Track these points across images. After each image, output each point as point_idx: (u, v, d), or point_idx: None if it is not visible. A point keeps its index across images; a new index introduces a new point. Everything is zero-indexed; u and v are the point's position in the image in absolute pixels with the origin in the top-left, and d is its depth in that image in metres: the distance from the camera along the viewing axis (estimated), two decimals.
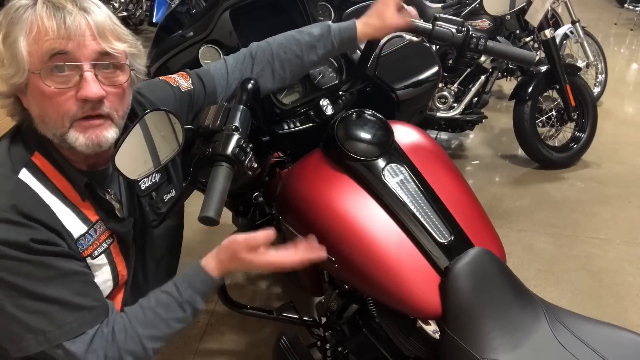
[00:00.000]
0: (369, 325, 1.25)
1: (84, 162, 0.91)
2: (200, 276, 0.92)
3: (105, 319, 0.88)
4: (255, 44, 1.15)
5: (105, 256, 0.94)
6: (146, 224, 1.04)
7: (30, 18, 0.80)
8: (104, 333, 0.86)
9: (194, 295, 0.91)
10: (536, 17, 2.74)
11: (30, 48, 0.80)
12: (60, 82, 0.81)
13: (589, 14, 6.28)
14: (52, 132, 0.85)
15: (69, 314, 0.83)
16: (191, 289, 0.91)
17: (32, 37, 0.80)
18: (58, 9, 0.80)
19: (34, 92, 0.83)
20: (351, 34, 1.13)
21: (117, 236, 0.97)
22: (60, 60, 0.80)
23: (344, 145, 1.12)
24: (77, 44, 0.81)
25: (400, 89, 1.42)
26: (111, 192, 0.97)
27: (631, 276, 2.25)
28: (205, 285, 0.93)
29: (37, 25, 0.80)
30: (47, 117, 0.84)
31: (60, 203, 0.87)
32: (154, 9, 4.65)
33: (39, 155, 0.87)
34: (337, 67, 1.37)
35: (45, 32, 0.79)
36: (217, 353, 1.91)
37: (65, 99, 0.82)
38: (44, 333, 0.82)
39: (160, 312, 0.90)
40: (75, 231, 0.88)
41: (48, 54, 0.80)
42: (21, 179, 0.84)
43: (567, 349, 0.89)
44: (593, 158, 3.19)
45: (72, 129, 0.84)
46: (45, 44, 0.79)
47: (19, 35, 0.80)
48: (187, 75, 1.11)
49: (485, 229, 1.09)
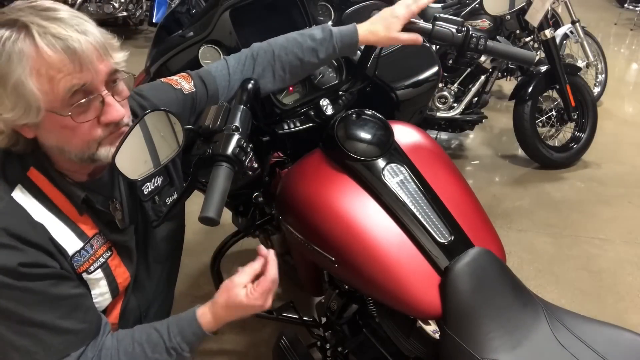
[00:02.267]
0: (369, 325, 1.25)
1: (84, 172, 0.91)
2: (193, 327, 0.94)
3: (93, 341, 0.89)
4: (256, 45, 1.15)
5: (102, 270, 0.94)
6: (149, 228, 1.04)
7: (30, 54, 0.74)
8: (87, 357, 0.87)
9: (182, 344, 0.93)
10: (536, 17, 2.74)
11: (42, 87, 0.75)
12: (83, 113, 0.80)
13: (589, 14, 6.28)
14: (77, 156, 0.84)
15: (55, 337, 0.84)
16: (181, 337, 0.93)
17: (42, 76, 0.75)
18: (60, 39, 0.75)
19: (53, 127, 0.80)
20: (353, 39, 1.12)
21: (118, 247, 0.97)
22: (81, 95, 0.79)
23: (344, 145, 1.12)
24: (92, 73, 0.78)
25: (400, 89, 1.42)
26: (115, 202, 0.96)
27: (631, 276, 2.25)
28: (195, 337, 0.94)
29: (44, 62, 0.74)
30: (70, 146, 0.83)
31: (55, 219, 0.86)
32: (154, 9, 4.66)
33: (35, 171, 0.86)
34: (337, 67, 1.37)
35: (58, 69, 0.75)
36: (217, 353, 1.91)
37: (89, 125, 0.81)
38: (30, 354, 0.83)
39: (147, 351, 0.91)
40: (70, 248, 0.88)
41: (69, 91, 0.77)
42: (14, 198, 0.83)
43: (567, 349, 0.89)
44: (593, 158, 3.19)
45: (100, 147, 0.84)
46: (62, 82, 0.76)
47: (21, 75, 0.74)
48: (189, 77, 1.10)
49: (485, 229, 1.09)
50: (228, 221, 1.64)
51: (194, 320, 0.94)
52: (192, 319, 0.94)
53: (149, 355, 0.91)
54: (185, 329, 0.94)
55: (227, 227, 1.58)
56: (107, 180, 0.96)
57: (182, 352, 0.93)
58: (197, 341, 0.95)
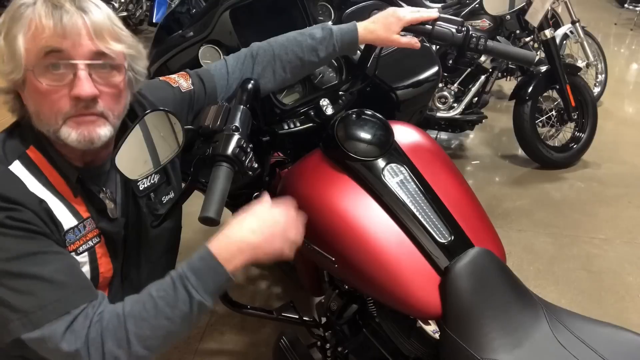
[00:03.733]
0: (369, 325, 1.25)
1: (80, 158, 0.91)
2: (207, 261, 0.84)
3: (94, 301, 0.82)
4: (256, 44, 1.15)
5: (88, 255, 0.92)
6: (142, 225, 1.03)
7: (30, 16, 0.81)
8: (88, 314, 0.80)
9: (197, 286, 0.82)
10: (536, 17, 2.74)
11: (27, 45, 0.81)
12: (54, 79, 0.82)
13: (589, 14, 6.28)
14: (46, 128, 0.86)
15: (50, 292, 0.79)
16: (195, 277, 0.82)
17: (30, 34, 0.81)
18: (56, 8, 0.81)
19: (30, 88, 0.84)
20: (353, 38, 1.13)
21: (106, 236, 0.96)
22: (54, 58, 0.81)
23: (344, 145, 1.12)
24: (73, 43, 0.82)
25: (400, 89, 1.42)
26: (106, 191, 0.97)
27: (631, 276, 2.25)
28: (211, 273, 0.83)
29: (35, 23, 0.81)
30: (41, 114, 0.85)
31: (52, 196, 0.87)
32: (154, 9, 4.65)
33: (34, 149, 0.88)
34: (337, 67, 1.37)
35: (42, 30, 0.80)
36: (217, 353, 1.91)
37: (58, 96, 0.83)
38: (26, 314, 0.78)
39: (158, 302, 0.81)
40: (65, 223, 0.88)
41: (43, 51, 0.81)
42: (10, 170, 0.84)
43: (567, 349, 0.89)
44: (593, 158, 3.19)
45: (64, 125, 0.84)
46: (41, 42, 0.81)
47: (18, 32, 0.81)
48: (187, 75, 1.10)
49: (485, 229, 1.09)
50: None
51: (206, 254, 0.83)
52: (204, 254, 0.84)
53: (160, 307, 0.80)
54: (200, 268, 0.83)
55: None
56: (103, 171, 0.96)
57: (200, 298, 0.81)
58: (216, 283, 0.83)
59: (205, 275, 0.82)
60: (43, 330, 0.78)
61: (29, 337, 0.78)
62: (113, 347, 0.78)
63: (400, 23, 1.12)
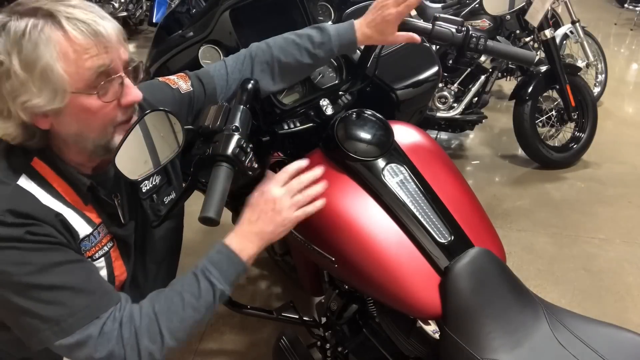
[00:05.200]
0: (369, 325, 1.26)
1: (89, 166, 0.92)
2: (224, 254, 0.93)
3: (119, 304, 0.86)
4: (255, 45, 1.15)
5: (105, 259, 0.94)
6: (147, 226, 1.04)
7: (58, 39, 0.76)
8: (116, 316, 0.84)
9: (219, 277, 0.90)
10: (536, 17, 2.74)
11: (69, 69, 0.77)
12: (107, 94, 0.82)
13: (589, 14, 6.28)
14: (94, 144, 0.86)
15: (79, 299, 0.81)
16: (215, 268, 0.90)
17: (69, 58, 0.77)
18: (85, 23, 0.78)
19: (75, 110, 0.81)
20: (351, 39, 1.12)
21: (118, 240, 0.97)
22: (105, 75, 0.81)
23: (344, 145, 1.12)
24: (114, 54, 0.82)
25: (400, 89, 1.42)
26: (116, 196, 0.97)
27: (631, 276, 2.25)
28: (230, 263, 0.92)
29: (72, 44, 0.77)
30: (91, 131, 0.84)
31: (63, 206, 0.87)
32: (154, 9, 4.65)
33: (38, 161, 0.87)
34: (337, 67, 1.37)
35: (84, 50, 0.77)
36: (217, 353, 1.91)
37: (110, 108, 0.83)
38: (57, 322, 0.80)
39: (184, 295, 0.88)
40: (80, 231, 0.88)
41: (95, 71, 0.79)
42: (20, 185, 0.83)
43: (567, 349, 0.89)
44: (593, 158, 3.19)
45: (115, 133, 0.86)
46: (88, 62, 0.78)
47: (49, 60, 0.76)
48: (186, 77, 1.10)
49: (485, 229, 1.09)
50: (228, 221, 1.64)
51: (222, 247, 0.92)
52: (220, 247, 0.92)
53: (186, 299, 0.87)
54: (219, 261, 0.91)
55: (227, 227, 1.58)
56: (111, 175, 0.97)
57: (221, 287, 0.89)
58: (235, 272, 0.91)
59: (225, 266, 0.90)
60: (76, 336, 0.80)
61: (61, 344, 0.81)
62: (148, 343, 0.83)
63: (392, 24, 1.09)
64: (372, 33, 1.10)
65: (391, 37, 1.11)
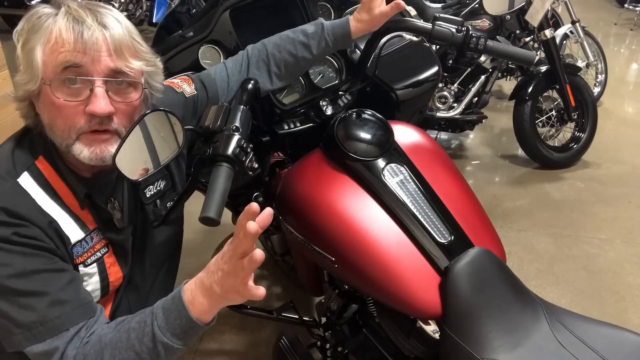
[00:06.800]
0: (369, 325, 1.25)
1: (89, 170, 0.92)
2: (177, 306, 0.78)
3: (91, 319, 0.84)
4: (250, 46, 1.16)
5: (97, 265, 0.93)
6: (148, 231, 1.04)
7: (50, 28, 0.81)
8: (81, 335, 0.81)
9: (166, 333, 0.78)
10: (536, 17, 2.74)
11: (45, 57, 0.81)
12: (70, 94, 0.82)
13: (589, 14, 6.28)
14: (59, 142, 0.85)
15: (54, 310, 0.81)
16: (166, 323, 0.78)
17: (49, 47, 0.81)
18: (77, 22, 0.81)
19: (45, 100, 0.83)
20: (345, 30, 1.13)
21: (115, 245, 0.97)
22: (72, 73, 0.81)
23: (344, 145, 1.12)
24: (92, 59, 0.81)
25: (400, 89, 1.42)
26: (114, 201, 0.96)
27: (631, 276, 2.25)
28: (180, 320, 0.78)
29: (55, 36, 0.80)
30: (55, 127, 0.84)
31: (58, 209, 0.87)
32: (154, 9, 4.65)
33: (43, 160, 0.88)
34: (337, 67, 1.37)
35: (62, 44, 0.80)
36: (217, 353, 1.91)
37: (74, 112, 0.82)
38: (29, 328, 0.80)
39: (134, 342, 0.79)
40: (72, 237, 0.88)
41: (61, 65, 0.80)
42: (19, 183, 0.84)
43: (567, 349, 0.89)
44: (593, 158, 3.19)
45: (77, 141, 0.84)
46: (60, 56, 0.80)
47: (36, 43, 0.81)
48: (190, 80, 1.11)
49: (485, 229, 1.09)
50: (228, 221, 1.64)
51: (177, 293, 0.79)
52: (176, 292, 0.79)
53: (131, 339, 0.79)
54: (169, 308, 0.78)
55: (227, 227, 1.59)
56: (110, 180, 0.96)
57: (164, 339, 0.77)
58: (182, 326, 0.77)
59: (173, 316, 0.77)
60: (45, 345, 0.80)
61: (32, 350, 0.81)
62: None
63: (381, 17, 1.12)
64: (362, 17, 1.13)
65: (378, 11, 1.12)
